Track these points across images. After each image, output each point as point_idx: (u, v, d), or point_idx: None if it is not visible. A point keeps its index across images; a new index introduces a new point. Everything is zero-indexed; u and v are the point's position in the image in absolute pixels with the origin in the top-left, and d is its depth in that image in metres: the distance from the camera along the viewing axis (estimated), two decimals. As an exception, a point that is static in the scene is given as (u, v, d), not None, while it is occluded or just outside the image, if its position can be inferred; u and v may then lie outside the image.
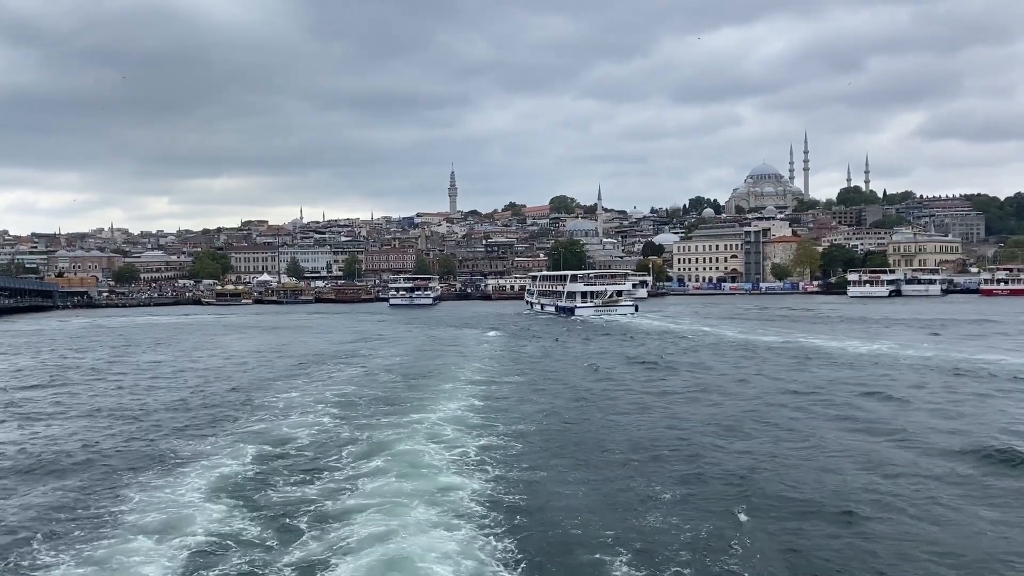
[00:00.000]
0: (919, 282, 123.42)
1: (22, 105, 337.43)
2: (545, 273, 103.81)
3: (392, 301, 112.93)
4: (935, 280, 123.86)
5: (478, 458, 15.50)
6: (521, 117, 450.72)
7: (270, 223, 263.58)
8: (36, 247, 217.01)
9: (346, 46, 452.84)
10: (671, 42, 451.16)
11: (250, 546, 10.97)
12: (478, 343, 46.06)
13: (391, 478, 13.89)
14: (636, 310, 73.14)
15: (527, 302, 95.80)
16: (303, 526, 11.72)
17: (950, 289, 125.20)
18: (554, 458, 15.71)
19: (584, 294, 74.93)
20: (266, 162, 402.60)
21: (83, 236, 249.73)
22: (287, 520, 11.99)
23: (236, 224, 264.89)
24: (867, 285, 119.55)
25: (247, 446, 16.95)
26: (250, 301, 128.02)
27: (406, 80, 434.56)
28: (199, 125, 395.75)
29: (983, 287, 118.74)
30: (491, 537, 10.98)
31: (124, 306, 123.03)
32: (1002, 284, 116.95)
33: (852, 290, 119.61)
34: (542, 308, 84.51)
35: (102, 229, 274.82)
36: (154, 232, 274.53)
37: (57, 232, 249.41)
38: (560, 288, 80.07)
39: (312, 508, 12.51)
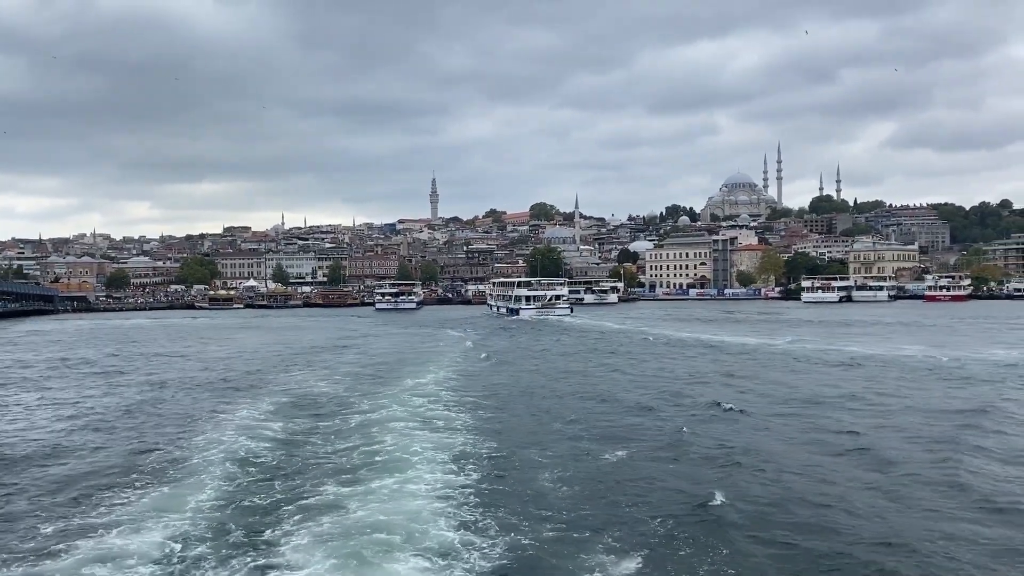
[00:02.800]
0: (868, 288, 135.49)
1: (3, 111, 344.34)
2: (501, 280, 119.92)
3: (378, 305, 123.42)
4: (883, 287, 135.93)
5: (454, 401, 25.42)
6: (502, 125, 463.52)
7: (253, 229, 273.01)
8: (23, 252, 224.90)
9: (330, 56, 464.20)
10: (649, 54, 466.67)
11: (295, 444, 19.17)
12: (452, 337, 57.13)
13: (395, 412, 23.46)
14: (571, 311, 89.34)
15: (488, 305, 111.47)
16: (335, 437, 19.79)
17: (899, 295, 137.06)
18: (493, 395, 26.24)
19: (527, 298, 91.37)
20: (248, 167, 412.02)
21: (66, 241, 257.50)
22: (322, 435, 20.45)
23: (218, 229, 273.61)
24: (819, 291, 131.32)
25: (283, 397, 26.57)
26: (241, 306, 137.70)
27: (389, 89, 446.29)
28: (182, 131, 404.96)
29: (927, 293, 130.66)
30: (470, 442, 18.94)
31: (121, 310, 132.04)
32: (944, 290, 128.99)
33: (805, 296, 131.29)
34: (498, 310, 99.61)
35: (84, 234, 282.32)
36: (136, 237, 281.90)
37: (39, 237, 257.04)
38: (510, 293, 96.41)
39: (338, 428, 21.10)
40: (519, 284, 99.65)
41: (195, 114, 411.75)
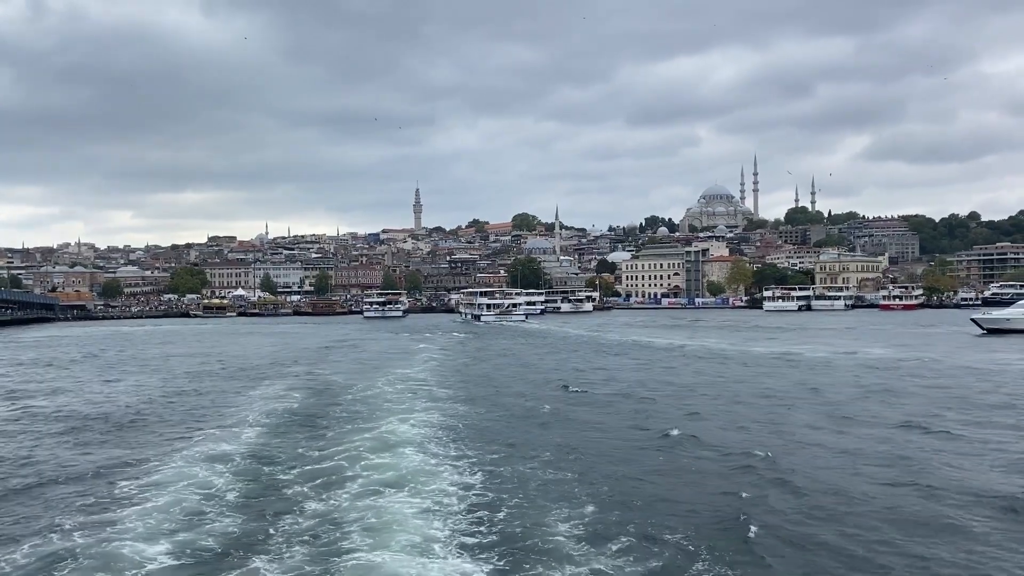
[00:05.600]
0: (827, 298, 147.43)
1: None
2: (468, 290, 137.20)
3: (366, 313, 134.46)
4: (840, 296, 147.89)
5: (435, 380, 36.29)
6: (485, 137, 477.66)
7: (238, 238, 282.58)
8: (11, 262, 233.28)
9: (316, 70, 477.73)
10: (629, 69, 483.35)
11: (316, 406, 29.29)
12: (427, 338, 68.83)
13: (393, 388, 34.24)
14: (526, 318, 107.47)
15: (458, 312, 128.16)
16: (336, 421, 30.00)
17: (856, 304, 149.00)
18: (462, 374, 36.95)
19: (488, 306, 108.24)
20: (232, 177, 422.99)
21: (52, 251, 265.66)
22: (328, 409, 30.33)
23: (201, 238, 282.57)
24: (779, 300, 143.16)
25: (301, 379, 36.93)
26: (234, 314, 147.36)
27: (374, 101, 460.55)
28: (167, 141, 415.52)
29: (882, 302, 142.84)
30: (448, 403, 29.29)
31: (119, 318, 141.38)
32: (897, 300, 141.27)
33: (767, 304, 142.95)
34: (465, 316, 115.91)
35: (68, 243, 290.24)
36: (121, 247, 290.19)
37: (22, 245, 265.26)
38: (475, 301, 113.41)
39: (349, 395, 31.38)
40: (482, 294, 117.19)
41: (181, 125, 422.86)
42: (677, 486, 16.08)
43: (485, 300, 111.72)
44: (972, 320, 66.34)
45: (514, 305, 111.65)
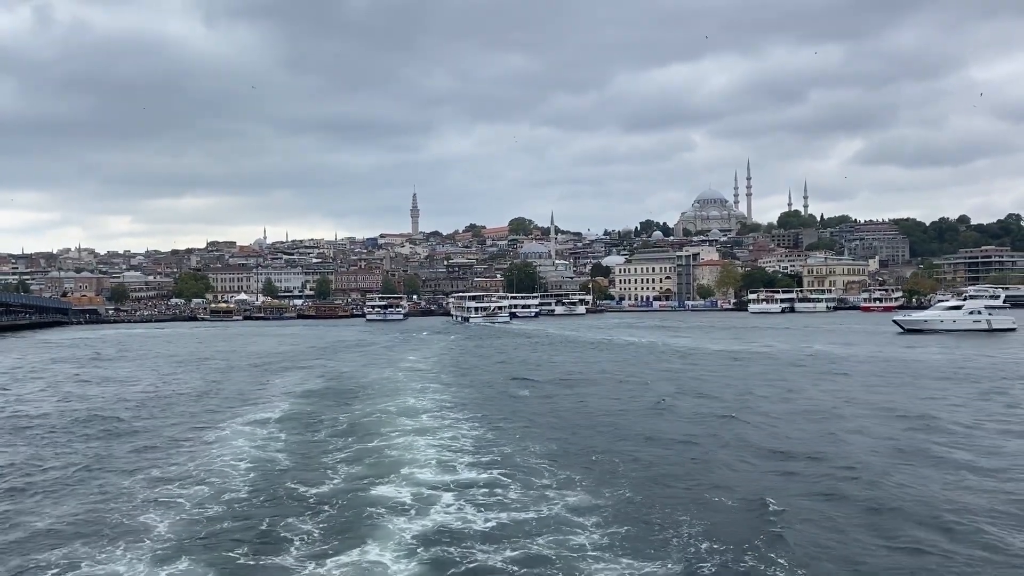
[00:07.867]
0: (809, 300, 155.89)
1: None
2: (459, 294, 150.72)
3: (368, 317, 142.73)
4: (822, 299, 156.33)
5: (437, 368, 44.71)
6: (482, 143, 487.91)
7: (236, 243, 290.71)
8: (16, 267, 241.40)
9: (315, 79, 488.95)
10: (624, 76, 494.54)
11: (335, 389, 37.67)
12: (424, 337, 77.40)
13: (398, 374, 42.54)
14: (510, 320, 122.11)
15: (451, 315, 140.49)
16: (356, 397, 38.23)
17: (839, 307, 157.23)
18: (455, 363, 45.22)
19: (476, 308, 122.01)
20: (231, 183, 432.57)
21: (53, 256, 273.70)
22: (348, 389, 39.15)
23: (199, 243, 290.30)
24: (763, 303, 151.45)
25: (319, 370, 45.39)
26: (240, 318, 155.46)
27: (372, 109, 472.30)
28: (167, 148, 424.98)
29: (863, 305, 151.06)
30: (449, 384, 38.38)
31: (130, 322, 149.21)
32: (877, 302, 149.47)
33: (752, 307, 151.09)
34: (456, 318, 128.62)
35: (68, 249, 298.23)
36: (122, 252, 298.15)
37: (22, 251, 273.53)
38: (464, 305, 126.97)
39: (357, 385, 39.84)
40: (471, 298, 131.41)
41: (181, 132, 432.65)
42: (612, 424, 24.51)
43: (473, 304, 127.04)
44: (894, 321, 74.19)
45: (499, 308, 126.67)
